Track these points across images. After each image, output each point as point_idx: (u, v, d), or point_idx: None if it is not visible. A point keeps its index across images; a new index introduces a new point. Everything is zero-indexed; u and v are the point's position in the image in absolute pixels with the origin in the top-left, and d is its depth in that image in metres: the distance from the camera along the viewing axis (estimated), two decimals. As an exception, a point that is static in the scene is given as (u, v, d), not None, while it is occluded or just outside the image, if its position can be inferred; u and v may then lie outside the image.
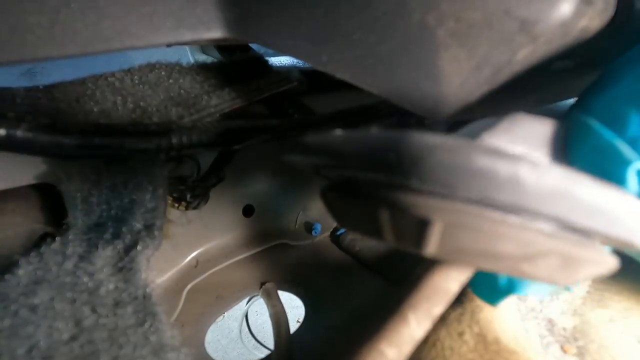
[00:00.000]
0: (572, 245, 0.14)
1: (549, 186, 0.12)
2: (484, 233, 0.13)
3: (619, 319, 0.35)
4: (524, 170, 0.12)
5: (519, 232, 0.13)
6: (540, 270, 0.14)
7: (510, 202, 0.12)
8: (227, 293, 0.49)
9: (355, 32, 0.22)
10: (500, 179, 0.12)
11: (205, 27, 0.23)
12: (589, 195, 0.12)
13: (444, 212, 0.13)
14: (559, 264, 0.14)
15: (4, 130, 0.24)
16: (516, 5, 0.18)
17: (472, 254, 0.14)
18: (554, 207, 0.12)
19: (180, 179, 0.43)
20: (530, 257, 0.14)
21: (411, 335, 0.16)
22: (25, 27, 0.20)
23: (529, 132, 0.19)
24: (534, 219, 0.13)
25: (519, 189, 0.12)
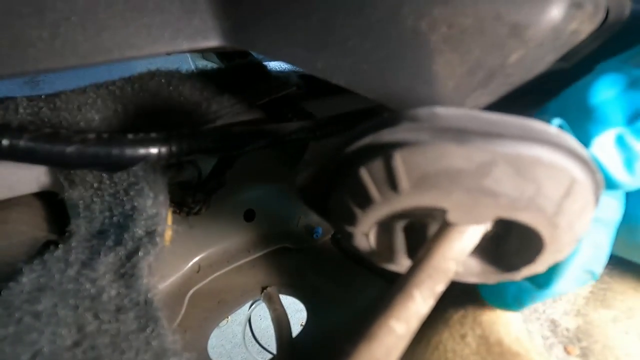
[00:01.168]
0: (505, 148, 0.16)
1: (458, 112, 0.16)
2: (432, 154, 0.16)
3: (622, 319, 0.35)
4: (438, 109, 0.16)
5: (459, 152, 0.16)
6: (503, 183, 0.16)
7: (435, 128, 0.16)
8: (229, 298, 0.49)
9: (350, 38, 0.22)
10: (424, 115, 0.16)
11: (202, 36, 0.24)
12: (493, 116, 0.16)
13: (398, 146, 0.16)
14: (513, 171, 0.16)
15: (7, 140, 0.24)
16: (506, 10, 0.19)
17: (437, 177, 0.16)
18: (468, 125, 0.16)
19: (182, 185, 0.44)
20: (484, 171, 0.16)
21: (417, 311, 0.17)
22: (26, 40, 0.20)
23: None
24: (462, 138, 0.16)
25: (437, 118, 0.16)
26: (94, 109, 0.33)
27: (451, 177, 0.16)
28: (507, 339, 0.29)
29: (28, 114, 0.30)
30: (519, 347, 0.29)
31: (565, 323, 0.35)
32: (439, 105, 0.23)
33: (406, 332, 0.17)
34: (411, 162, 0.16)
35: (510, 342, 0.29)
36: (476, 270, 0.23)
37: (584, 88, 0.20)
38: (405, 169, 0.16)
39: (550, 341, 0.33)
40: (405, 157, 0.16)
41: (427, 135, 0.16)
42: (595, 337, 0.33)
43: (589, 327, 0.34)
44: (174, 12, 0.23)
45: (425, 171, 0.16)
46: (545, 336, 0.34)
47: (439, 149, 0.16)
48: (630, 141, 0.18)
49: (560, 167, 0.16)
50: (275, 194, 0.57)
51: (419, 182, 0.16)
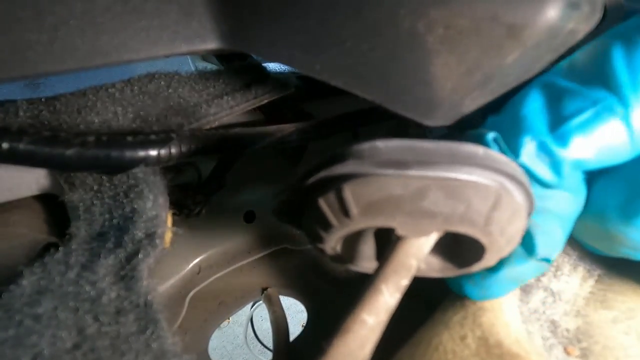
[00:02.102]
0: (437, 175, 0.18)
1: (395, 144, 0.18)
2: (375, 184, 0.19)
3: (623, 320, 0.35)
4: (378, 142, 0.19)
5: (395, 181, 0.18)
6: (439, 206, 0.19)
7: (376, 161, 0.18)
8: (229, 299, 0.49)
9: (347, 40, 0.22)
10: (365, 149, 0.19)
11: (200, 39, 0.24)
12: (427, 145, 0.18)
13: (346, 179, 0.19)
14: (444, 194, 0.18)
15: (6, 143, 0.24)
16: (503, 11, 0.19)
17: (381, 204, 0.19)
18: (403, 157, 0.18)
19: (181, 187, 0.44)
20: (420, 195, 0.18)
21: (386, 303, 0.20)
22: (25, 44, 0.20)
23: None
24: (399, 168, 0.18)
25: (377, 152, 0.18)
26: (93, 112, 0.33)
27: (393, 203, 0.19)
28: (506, 341, 0.29)
29: (28, 117, 0.30)
30: (518, 349, 0.29)
31: (565, 324, 0.35)
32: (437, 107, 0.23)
33: (376, 323, 0.19)
34: (358, 192, 0.19)
35: (510, 344, 0.29)
36: (437, 267, 0.26)
37: (518, 101, 0.22)
38: (353, 199, 0.19)
39: (550, 342, 0.33)
40: (352, 188, 0.19)
41: (369, 168, 0.19)
42: (595, 337, 0.33)
43: (589, 328, 0.34)
44: (172, 15, 0.23)
45: (370, 200, 0.19)
46: (545, 337, 0.34)
47: (379, 180, 0.18)
48: (552, 147, 0.21)
49: (485, 185, 0.18)
50: (275, 195, 0.57)
51: (366, 209, 0.19)
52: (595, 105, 0.19)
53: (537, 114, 0.21)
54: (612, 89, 0.19)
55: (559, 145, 0.20)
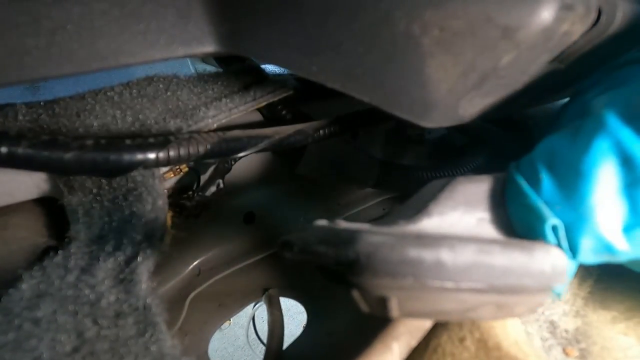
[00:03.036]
0: (497, 296, 0.18)
1: (465, 262, 0.17)
2: (428, 300, 0.18)
3: (621, 320, 0.34)
4: (444, 254, 0.17)
5: (452, 297, 0.18)
6: (483, 314, 0.19)
7: (439, 279, 0.17)
8: (229, 301, 0.49)
9: (344, 43, 0.22)
10: (427, 264, 0.17)
11: (197, 42, 0.24)
12: (498, 261, 0.18)
13: (395, 290, 0.18)
14: (495, 308, 0.19)
15: (5, 147, 0.24)
16: (498, 13, 0.19)
17: (426, 313, 0.19)
18: (471, 276, 0.17)
19: (180, 189, 0.44)
20: (471, 309, 0.18)
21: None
22: (23, 49, 0.20)
23: (467, 194, 0.23)
24: (461, 286, 0.17)
25: (442, 269, 0.17)
26: (92, 115, 0.33)
27: (441, 313, 0.19)
28: (505, 343, 0.29)
29: (27, 121, 0.30)
30: (517, 351, 0.29)
31: (564, 324, 0.35)
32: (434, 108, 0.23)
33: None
34: (406, 304, 0.19)
35: (508, 346, 0.29)
36: None
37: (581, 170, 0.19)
38: (399, 308, 0.19)
39: (550, 342, 0.33)
40: (402, 301, 0.18)
41: (430, 283, 0.18)
42: (593, 338, 0.33)
43: (588, 328, 0.34)
44: (169, 18, 0.23)
45: (417, 310, 0.19)
46: (544, 338, 0.34)
47: (434, 296, 0.18)
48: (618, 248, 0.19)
49: (539, 298, 0.19)
50: (274, 196, 0.57)
51: (409, 314, 0.19)
52: None
53: (611, 207, 0.18)
54: None
55: (632, 245, 0.19)
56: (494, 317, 0.19)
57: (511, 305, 0.19)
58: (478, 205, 0.23)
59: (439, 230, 0.21)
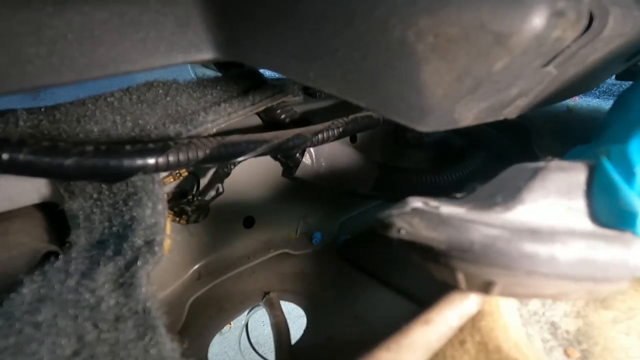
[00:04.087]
0: (592, 285, 0.20)
1: (575, 257, 0.19)
2: (531, 286, 0.20)
3: (623, 319, 0.34)
4: (557, 249, 0.19)
5: (553, 285, 0.20)
6: (572, 297, 0.22)
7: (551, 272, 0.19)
8: (229, 305, 0.50)
9: (340, 49, 0.23)
10: (542, 258, 0.19)
11: (196, 49, 0.24)
12: (602, 256, 0.19)
13: (504, 278, 0.20)
14: (586, 293, 0.21)
15: (6, 154, 0.25)
16: (490, 20, 0.19)
17: (524, 296, 0.21)
18: (578, 270, 0.19)
19: (180, 194, 0.44)
20: (565, 294, 0.21)
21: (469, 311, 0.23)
22: (24, 58, 0.21)
23: (558, 183, 0.24)
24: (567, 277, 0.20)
25: (554, 263, 0.19)
26: (92, 121, 0.33)
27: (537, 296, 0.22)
28: (505, 345, 0.29)
29: (28, 127, 0.31)
30: (518, 354, 0.28)
31: (565, 325, 0.35)
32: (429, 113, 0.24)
33: (457, 326, 0.22)
34: (509, 289, 0.20)
35: (509, 349, 0.29)
36: None
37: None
38: (501, 291, 0.21)
39: (551, 344, 0.33)
40: (505, 286, 0.20)
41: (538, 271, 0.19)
42: (595, 338, 0.33)
43: (589, 329, 0.34)
44: (168, 26, 0.24)
45: (516, 292, 0.21)
46: (545, 339, 0.34)
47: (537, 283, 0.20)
48: None
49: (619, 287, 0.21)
50: (273, 200, 0.57)
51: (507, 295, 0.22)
52: None
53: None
54: None
55: None
56: (578, 299, 0.23)
57: (600, 292, 0.21)
58: (567, 194, 0.23)
59: (532, 218, 0.22)
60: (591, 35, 0.22)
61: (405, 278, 0.49)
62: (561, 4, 0.19)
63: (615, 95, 0.57)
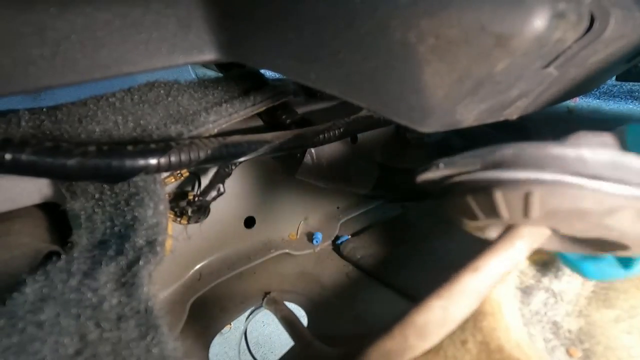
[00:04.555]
0: (635, 201, 0.18)
1: (604, 159, 0.18)
2: (568, 196, 0.19)
3: (625, 318, 0.34)
4: (585, 151, 0.18)
5: (591, 195, 0.18)
6: (620, 222, 0.19)
7: (581, 173, 0.18)
8: (230, 305, 0.50)
9: (341, 51, 0.23)
10: (570, 158, 0.18)
11: (198, 51, 0.24)
12: (635, 163, 0.18)
13: (540, 184, 0.19)
14: (636, 215, 0.19)
15: (9, 154, 0.25)
16: (491, 21, 0.19)
17: (566, 211, 0.19)
18: (610, 174, 0.18)
19: (181, 194, 0.44)
20: (609, 213, 0.19)
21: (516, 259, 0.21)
22: (28, 59, 0.21)
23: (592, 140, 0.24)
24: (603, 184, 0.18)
25: (584, 164, 0.18)
26: (94, 121, 0.33)
27: (580, 214, 0.19)
28: (507, 345, 0.29)
29: (30, 127, 0.31)
30: (519, 354, 0.28)
31: (567, 325, 0.35)
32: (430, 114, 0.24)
33: (504, 274, 0.21)
34: (548, 200, 0.19)
35: (510, 349, 0.29)
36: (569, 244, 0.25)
37: None
38: (540, 204, 0.19)
39: (553, 344, 0.33)
40: (543, 195, 0.19)
41: (571, 178, 0.18)
42: (597, 338, 0.33)
43: (591, 328, 0.34)
44: (170, 28, 0.24)
45: (557, 208, 0.19)
46: (547, 339, 0.34)
47: (576, 192, 0.18)
48: None
49: None
50: (274, 200, 0.57)
51: (549, 214, 0.20)
52: None
53: None
54: None
55: None
56: (633, 232, 0.19)
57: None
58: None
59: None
60: (592, 37, 0.22)
61: (405, 278, 0.49)
62: (562, 6, 0.19)
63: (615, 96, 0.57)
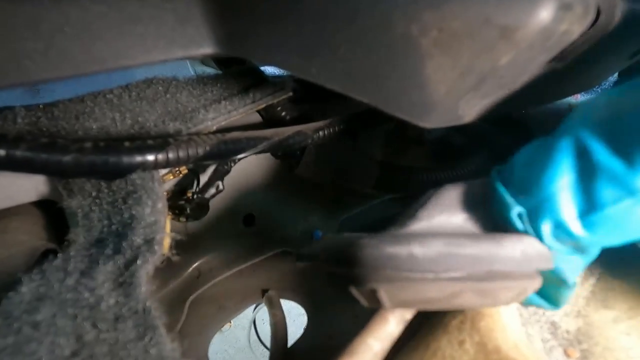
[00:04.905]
0: (473, 283, 0.20)
1: (434, 253, 0.20)
2: (411, 289, 0.20)
3: (624, 319, 0.34)
4: (415, 248, 0.20)
5: (432, 286, 0.20)
6: (468, 301, 0.21)
7: (414, 270, 0.20)
8: (229, 303, 0.49)
9: (342, 45, 0.22)
10: (402, 257, 0.20)
11: (196, 44, 0.24)
12: (466, 251, 0.20)
13: (381, 283, 0.20)
14: (476, 295, 0.20)
15: (3, 150, 0.24)
16: (495, 13, 0.19)
17: (413, 301, 0.21)
18: (442, 266, 0.20)
19: (180, 192, 0.44)
20: (453, 297, 0.20)
21: (391, 332, 0.22)
22: (22, 52, 0.20)
23: (453, 198, 0.26)
24: (439, 276, 0.20)
25: (415, 261, 0.20)
26: (91, 118, 0.33)
27: (426, 301, 0.21)
28: (505, 346, 0.29)
29: (26, 124, 0.30)
30: (517, 354, 0.28)
31: (565, 325, 0.35)
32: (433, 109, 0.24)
33: (381, 349, 0.22)
34: (393, 294, 0.21)
35: (508, 349, 0.28)
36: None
37: (546, 166, 0.21)
38: (388, 298, 0.21)
39: (551, 344, 0.33)
40: (388, 291, 0.21)
41: (406, 275, 0.20)
42: (595, 338, 0.33)
43: (590, 329, 0.34)
44: (168, 21, 0.24)
45: (405, 299, 0.21)
46: (546, 339, 0.33)
47: (416, 286, 0.20)
48: (578, 234, 0.21)
49: (516, 283, 0.21)
50: (274, 198, 0.57)
51: (399, 304, 0.21)
52: (634, 195, 0.18)
53: (566, 194, 0.20)
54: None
55: (589, 230, 0.20)
56: (481, 304, 0.22)
57: (492, 292, 0.21)
58: (464, 207, 0.25)
59: (428, 232, 0.23)
60: (598, 29, 0.22)
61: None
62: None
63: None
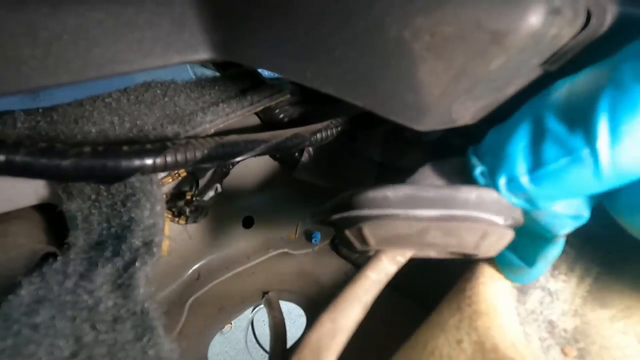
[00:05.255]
0: (437, 222, 0.23)
1: (402, 195, 0.24)
2: (387, 226, 0.24)
3: (620, 318, 0.34)
4: (388, 192, 0.24)
5: (403, 223, 0.24)
6: (435, 240, 0.24)
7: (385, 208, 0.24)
8: (229, 304, 0.50)
9: (336, 49, 0.23)
10: (378, 199, 0.24)
11: (192, 50, 0.24)
12: (429, 194, 0.23)
13: (364, 222, 0.24)
14: (442, 233, 0.24)
15: (3, 155, 0.24)
16: (487, 18, 0.19)
17: (393, 239, 0.24)
18: (408, 205, 0.23)
19: (179, 194, 0.44)
20: (422, 233, 0.24)
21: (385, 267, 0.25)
22: (19, 59, 0.21)
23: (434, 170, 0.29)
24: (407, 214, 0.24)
25: (387, 201, 0.24)
26: (90, 122, 0.33)
27: (401, 238, 0.24)
28: (502, 345, 0.29)
29: (25, 128, 0.31)
30: (514, 353, 0.28)
31: (562, 324, 0.35)
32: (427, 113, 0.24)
33: (377, 279, 0.25)
34: (373, 231, 0.24)
35: (505, 348, 0.29)
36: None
37: (507, 133, 0.25)
38: (371, 235, 0.25)
39: (548, 343, 0.33)
40: (369, 228, 0.24)
41: (381, 212, 0.24)
42: (592, 337, 0.33)
43: (587, 328, 0.34)
44: (164, 27, 0.24)
45: (384, 236, 0.24)
46: (543, 338, 0.34)
47: (389, 222, 0.24)
48: (527, 187, 0.24)
49: (476, 224, 0.24)
50: (273, 200, 0.57)
51: (381, 241, 0.25)
52: (571, 154, 0.22)
53: (520, 154, 0.24)
54: (589, 140, 0.21)
55: (535, 185, 0.24)
56: (448, 243, 0.24)
57: (455, 231, 0.23)
58: (444, 175, 0.29)
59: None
60: (589, 33, 0.22)
61: (405, 277, 0.49)
62: (558, 2, 0.19)
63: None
